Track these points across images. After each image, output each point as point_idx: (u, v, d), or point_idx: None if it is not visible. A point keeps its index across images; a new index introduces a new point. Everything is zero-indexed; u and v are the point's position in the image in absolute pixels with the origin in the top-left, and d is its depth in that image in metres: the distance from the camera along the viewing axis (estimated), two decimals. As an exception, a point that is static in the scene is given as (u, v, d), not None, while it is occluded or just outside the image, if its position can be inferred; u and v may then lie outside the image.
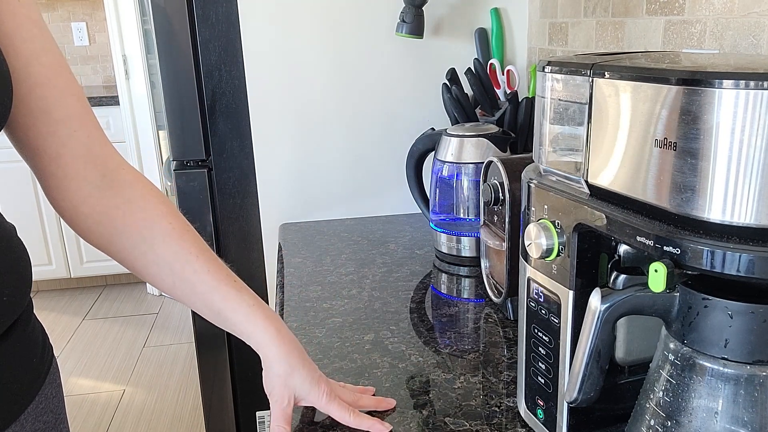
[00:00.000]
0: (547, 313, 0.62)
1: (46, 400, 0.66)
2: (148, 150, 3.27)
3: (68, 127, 0.64)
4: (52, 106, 0.63)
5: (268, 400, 0.70)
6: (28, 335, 0.65)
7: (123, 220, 0.67)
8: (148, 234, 0.68)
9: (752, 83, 0.40)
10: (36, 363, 0.65)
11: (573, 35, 1.26)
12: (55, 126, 0.63)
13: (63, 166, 0.64)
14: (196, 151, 1.43)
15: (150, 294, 3.54)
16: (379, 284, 1.11)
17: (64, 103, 0.64)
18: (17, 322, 0.63)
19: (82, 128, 0.65)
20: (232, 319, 0.69)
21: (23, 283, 0.63)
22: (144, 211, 0.68)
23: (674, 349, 0.50)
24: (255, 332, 0.69)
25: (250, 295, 0.71)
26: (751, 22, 0.80)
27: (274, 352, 0.68)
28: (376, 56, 1.42)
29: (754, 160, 0.41)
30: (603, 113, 0.52)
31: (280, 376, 0.68)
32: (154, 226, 0.68)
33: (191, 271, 0.69)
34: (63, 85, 0.63)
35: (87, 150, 0.65)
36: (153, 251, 0.68)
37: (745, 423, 0.47)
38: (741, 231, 0.43)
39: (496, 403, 0.75)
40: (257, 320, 0.69)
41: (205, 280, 0.69)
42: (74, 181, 0.65)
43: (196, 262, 0.69)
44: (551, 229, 0.59)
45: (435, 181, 1.22)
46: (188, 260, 0.69)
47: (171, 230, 0.69)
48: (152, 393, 2.58)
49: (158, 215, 0.69)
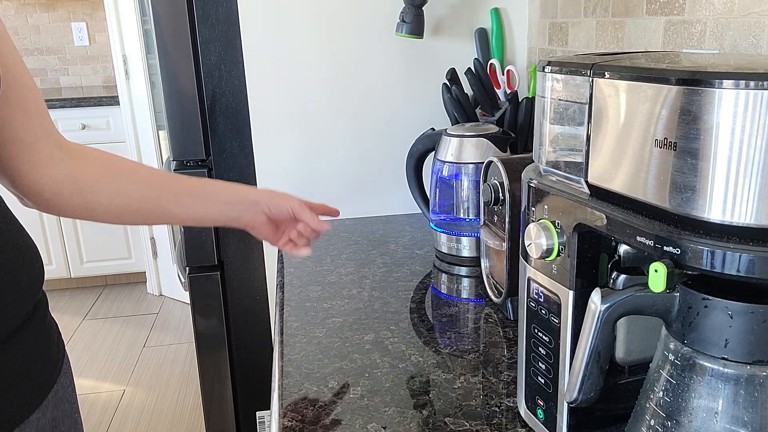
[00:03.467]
0: (547, 313, 0.62)
1: (62, 389, 0.69)
2: (148, 150, 3.27)
3: (40, 118, 0.73)
4: (28, 101, 0.71)
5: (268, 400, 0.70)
6: (46, 326, 0.68)
7: (86, 177, 0.77)
8: (114, 177, 0.78)
9: (752, 83, 0.40)
10: (53, 352, 0.68)
11: (573, 35, 1.26)
12: (32, 117, 0.71)
13: (38, 151, 0.73)
14: (196, 151, 1.43)
15: (150, 294, 3.54)
16: (379, 284, 1.11)
17: (34, 98, 0.72)
18: (35, 312, 0.67)
19: (47, 119, 0.74)
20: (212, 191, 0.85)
21: (37, 270, 0.68)
22: (101, 160, 0.79)
23: (674, 349, 0.50)
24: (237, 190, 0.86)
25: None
26: (751, 22, 0.80)
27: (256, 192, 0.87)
28: (376, 56, 1.42)
29: (754, 160, 0.41)
30: (603, 113, 0.52)
31: (270, 199, 0.87)
32: (117, 167, 0.79)
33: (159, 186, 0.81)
34: (30, 84, 0.72)
35: (51, 135, 0.74)
36: (125, 191, 0.79)
37: (745, 423, 0.47)
38: (741, 231, 0.43)
39: (496, 403, 0.75)
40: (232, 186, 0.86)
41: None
42: (47, 161, 0.73)
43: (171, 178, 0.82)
44: (551, 229, 0.59)
45: (435, 181, 1.22)
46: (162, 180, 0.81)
47: (132, 166, 0.81)
48: (152, 393, 2.58)
49: (114, 159, 0.80)
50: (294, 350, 0.89)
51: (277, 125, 1.42)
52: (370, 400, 0.77)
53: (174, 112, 1.40)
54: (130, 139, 3.26)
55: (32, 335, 0.65)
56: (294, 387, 0.80)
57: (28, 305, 0.65)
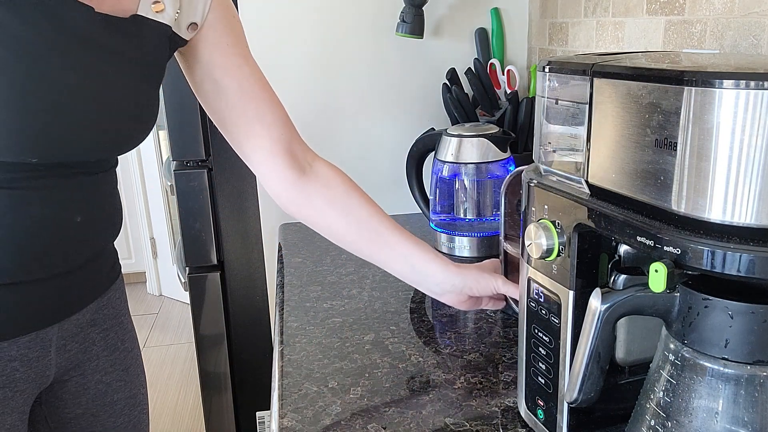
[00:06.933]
0: (547, 313, 0.62)
1: (108, 301, 0.88)
2: (148, 150, 3.27)
3: (270, 130, 0.85)
4: (265, 115, 0.85)
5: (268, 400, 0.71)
6: (106, 258, 0.87)
7: (317, 198, 0.87)
8: (340, 203, 0.87)
9: (752, 83, 0.40)
10: (104, 276, 0.87)
11: (573, 35, 1.26)
12: (260, 129, 0.85)
13: (273, 169, 0.85)
14: (196, 151, 1.43)
15: (150, 294, 3.54)
16: (379, 284, 1.11)
17: (271, 111, 0.86)
18: (105, 248, 0.85)
19: (278, 127, 0.86)
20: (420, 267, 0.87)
21: (120, 217, 0.87)
22: (336, 188, 0.87)
23: (674, 350, 0.50)
24: (436, 271, 0.86)
25: (427, 246, 0.88)
26: (751, 22, 0.80)
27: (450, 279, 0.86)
28: (376, 56, 1.42)
29: (755, 160, 0.41)
30: (603, 113, 0.52)
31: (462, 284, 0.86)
32: (348, 195, 0.87)
33: (377, 222, 0.87)
34: (266, 96, 0.86)
35: (287, 152, 0.86)
36: (344, 212, 0.87)
37: (745, 423, 0.47)
38: (741, 231, 0.43)
39: (497, 404, 0.75)
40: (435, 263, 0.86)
41: (393, 236, 0.87)
42: (278, 180, 0.86)
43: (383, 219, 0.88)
44: (551, 229, 0.59)
45: (435, 181, 1.22)
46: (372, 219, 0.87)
47: (359, 199, 0.87)
48: (152, 393, 2.58)
49: (348, 190, 0.88)
50: (294, 350, 0.89)
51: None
52: (370, 400, 0.77)
53: (174, 112, 1.40)
54: (130, 139, 3.25)
55: (95, 266, 0.84)
56: (294, 387, 0.80)
57: (112, 239, 0.86)
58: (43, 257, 0.74)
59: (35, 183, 0.70)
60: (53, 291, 0.78)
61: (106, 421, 0.91)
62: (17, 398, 0.77)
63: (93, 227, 0.80)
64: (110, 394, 0.90)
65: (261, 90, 0.86)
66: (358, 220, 0.86)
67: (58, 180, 0.73)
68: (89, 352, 0.87)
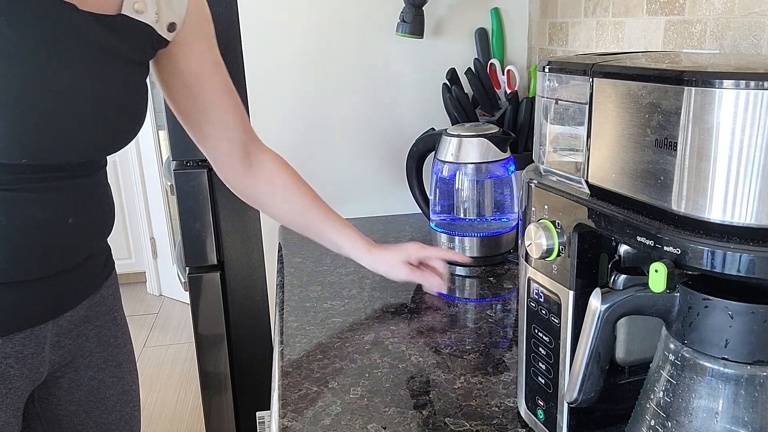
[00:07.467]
0: (547, 313, 0.62)
1: (102, 297, 0.90)
2: (148, 150, 3.27)
3: (229, 133, 0.94)
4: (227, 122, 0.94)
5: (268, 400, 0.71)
6: (99, 255, 0.88)
7: (261, 188, 1.00)
8: (280, 195, 1.01)
9: (752, 83, 0.40)
10: (98, 273, 0.88)
11: (573, 35, 1.26)
12: (222, 132, 0.94)
13: (229, 164, 0.97)
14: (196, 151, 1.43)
15: (150, 294, 3.54)
16: (379, 284, 1.11)
17: (233, 119, 0.94)
18: (97, 250, 0.87)
19: (237, 131, 0.95)
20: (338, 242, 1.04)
21: (112, 217, 0.88)
22: (277, 181, 1.00)
23: (674, 350, 0.50)
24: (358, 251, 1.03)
25: (350, 226, 1.04)
26: (751, 22, 0.80)
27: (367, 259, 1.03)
28: (376, 56, 1.42)
29: (755, 160, 0.41)
30: (603, 113, 0.52)
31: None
32: (286, 188, 1.01)
33: (311, 214, 1.02)
34: (230, 103, 0.93)
35: (244, 148, 0.97)
36: (285, 202, 1.01)
37: (745, 423, 0.47)
38: (741, 231, 0.43)
39: (497, 404, 0.75)
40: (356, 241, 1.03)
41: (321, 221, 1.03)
42: (233, 173, 0.98)
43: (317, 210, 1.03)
44: (551, 229, 0.59)
45: (435, 181, 1.22)
46: (310, 210, 1.02)
47: (297, 192, 1.01)
48: (152, 393, 2.58)
49: (286, 184, 1.01)
50: (294, 350, 0.89)
51: (276, 125, 1.42)
52: (370, 400, 0.77)
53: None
54: (130, 139, 3.25)
55: (88, 265, 0.85)
56: (294, 387, 0.80)
57: (106, 237, 0.88)
58: (36, 258, 0.75)
59: (27, 185, 0.71)
60: (48, 289, 0.78)
61: (99, 417, 0.91)
62: (11, 395, 0.78)
63: (85, 227, 0.81)
64: (103, 390, 0.91)
65: (227, 96, 0.92)
66: (294, 211, 1.01)
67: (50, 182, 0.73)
68: (83, 348, 0.88)
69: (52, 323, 0.81)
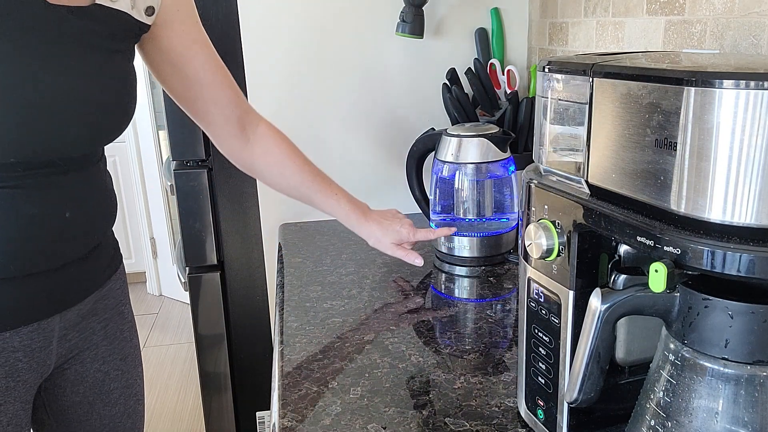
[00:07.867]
0: (547, 313, 0.62)
1: (109, 291, 0.91)
2: (148, 150, 3.27)
3: (222, 110, 0.96)
4: (220, 97, 0.95)
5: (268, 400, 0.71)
6: (105, 249, 0.89)
7: (258, 162, 1.03)
8: (276, 169, 1.04)
9: (752, 83, 0.40)
10: (105, 267, 0.89)
11: (573, 35, 1.26)
12: (214, 109, 0.95)
13: (225, 138, 1.00)
14: (196, 151, 1.43)
15: (150, 294, 3.54)
16: (379, 284, 1.11)
17: (226, 95, 0.95)
18: (103, 241, 0.88)
19: (230, 107, 0.97)
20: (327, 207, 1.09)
21: (115, 207, 0.90)
22: (273, 156, 1.03)
23: (674, 350, 0.50)
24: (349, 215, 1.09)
25: (344, 196, 1.09)
26: (751, 22, 0.80)
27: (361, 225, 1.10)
28: (376, 56, 1.42)
29: (755, 160, 0.41)
30: (603, 113, 0.52)
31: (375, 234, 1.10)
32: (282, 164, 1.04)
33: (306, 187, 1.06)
34: (221, 80, 0.95)
35: (239, 121, 0.99)
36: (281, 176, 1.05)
37: (745, 423, 0.47)
38: (741, 231, 0.43)
39: (497, 404, 0.75)
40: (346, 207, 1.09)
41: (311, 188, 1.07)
42: (230, 146, 1.01)
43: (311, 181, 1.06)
44: (551, 229, 0.59)
45: (435, 181, 1.22)
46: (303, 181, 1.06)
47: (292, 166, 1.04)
48: (152, 393, 2.58)
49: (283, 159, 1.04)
50: (294, 350, 0.89)
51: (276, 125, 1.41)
52: (370, 400, 0.77)
53: (174, 112, 1.40)
54: (130, 139, 3.26)
55: (93, 258, 0.86)
56: (294, 387, 0.80)
57: (108, 230, 0.89)
58: (36, 253, 0.75)
59: (21, 182, 0.71)
60: (53, 283, 0.79)
61: (102, 409, 0.91)
62: (20, 388, 0.78)
63: (84, 222, 0.81)
64: (107, 382, 0.92)
65: (215, 73, 0.93)
66: (290, 185, 1.05)
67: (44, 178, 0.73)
68: (89, 341, 0.89)
69: (59, 317, 0.81)
